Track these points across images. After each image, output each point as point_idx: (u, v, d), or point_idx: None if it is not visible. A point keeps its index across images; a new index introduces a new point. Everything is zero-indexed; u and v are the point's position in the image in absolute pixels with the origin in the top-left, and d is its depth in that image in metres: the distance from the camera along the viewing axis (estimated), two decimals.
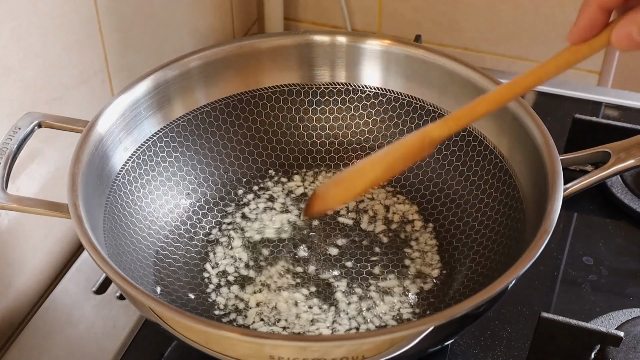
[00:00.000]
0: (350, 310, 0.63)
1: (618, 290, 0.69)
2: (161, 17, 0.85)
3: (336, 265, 0.66)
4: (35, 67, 0.67)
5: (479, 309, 0.52)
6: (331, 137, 0.75)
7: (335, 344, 0.49)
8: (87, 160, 0.60)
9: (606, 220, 0.76)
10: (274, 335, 0.57)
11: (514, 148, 0.65)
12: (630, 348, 0.61)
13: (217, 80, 0.71)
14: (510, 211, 0.64)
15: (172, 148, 0.69)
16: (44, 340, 0.66)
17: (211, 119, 0.71)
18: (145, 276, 0.62)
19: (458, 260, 0.66)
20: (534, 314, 0.65)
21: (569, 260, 0.72)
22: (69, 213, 0.56)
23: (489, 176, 0.67)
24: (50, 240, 0.74)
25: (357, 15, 1.10)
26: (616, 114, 0.89)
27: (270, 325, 0.62)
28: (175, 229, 0.68)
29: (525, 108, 0.64)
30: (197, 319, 0.50)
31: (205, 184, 0.71)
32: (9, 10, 0.63)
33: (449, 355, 0.64)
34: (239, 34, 1.06)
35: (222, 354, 0.52)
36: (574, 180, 0.62)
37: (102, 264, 0.53)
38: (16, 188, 0.67)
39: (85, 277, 0.71)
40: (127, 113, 0.65)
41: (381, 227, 0.70)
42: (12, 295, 0.70)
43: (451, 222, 0.69)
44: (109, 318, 0.68)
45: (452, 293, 0.64)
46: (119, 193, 0.64)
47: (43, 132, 0.64)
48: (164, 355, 0.64)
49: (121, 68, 0.79)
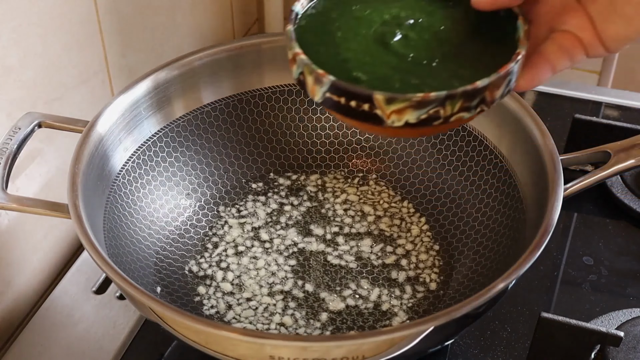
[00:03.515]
0: (350, 311, 0.63)
1: (618, 290, 0.69)
2: (161, 17, 0.85)
3: (336, 265, 0.66)
4: (35, 67, 0.67)
5: (479, 309, 0.52)
6: (331, 137, 0.75)
7: (335, 344, 0.49)
8: (87, 160, 0.60)
9: (606, 220, 0.76)
10: (274, 335, 0.57)
11: (514, 148, 0.65)
12: (630, 348, 0.61)
13: (217, 80, 0.71)
14: (510, 211, 0.64)
15: (172, 148, 0.69)
16: (44, 340, 0.66)
17: (211, 119, 0.71)
18: (145, 276, 0.63)
19: (458, 260, 0.66)
20: (534, 314, 0.65)
21: (569, 260, 0.72)
22: (69, 213, 0.56)
23: (489, 176, 0.67)
24: (50, 240, 0.74)
25: None
26: (616, 114, 0.89)
27: (265, 326, 0.62)
28: (176, 229, 0.68)
29: (525, 108, 0.64)
30: (197, 319, 0.50)
31: (205, 184, 0.71)
32: (9, 10, 0.63)
33: (449, 355, 0.64)
34: (239, 34, 1.06)
35: (222, 354, 0.52)
36: (574, 180, 0.62)
37: (102, 264, 0.53)
38: (16, 188, 0.67)
39: (85, 277, 0.71)
40: (127, 113, 0.65)
41: (381, 227, 0.70)
42: (12, 295, 0.70)
43: (451, 222, 0.69)
44: (109, 318, 0.68)
45: (452, 293, 0.64)
46: (119, 193, 0.64)
47: (43, 132, 0.64)
48: (164, 355, 0.64)
49: (121, 68, 0.79)
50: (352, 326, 0.62)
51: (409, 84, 0.46)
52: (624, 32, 0.45)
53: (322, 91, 0.46)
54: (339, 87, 0.45)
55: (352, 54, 0.47)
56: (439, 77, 0.46)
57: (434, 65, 0.47)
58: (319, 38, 0.49)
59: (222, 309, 0.63)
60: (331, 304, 0.63)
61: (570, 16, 0.46)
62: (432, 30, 0.49)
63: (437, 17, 0.49)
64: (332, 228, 0.70)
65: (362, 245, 0.68)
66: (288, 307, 0.63)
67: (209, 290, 0.65)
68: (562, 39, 0.47)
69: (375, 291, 0.64)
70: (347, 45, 0.48)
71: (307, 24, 0.49)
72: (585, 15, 0.46)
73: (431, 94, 0.44)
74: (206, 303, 0.64)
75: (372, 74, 0.46)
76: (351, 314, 0.63)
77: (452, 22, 0.49)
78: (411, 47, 0.48)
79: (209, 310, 0.63)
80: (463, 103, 0.45)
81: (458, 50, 0.48)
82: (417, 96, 0.44)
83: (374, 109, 0.45)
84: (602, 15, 0.45)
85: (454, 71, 0.46)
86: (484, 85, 0.44)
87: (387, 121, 0.45)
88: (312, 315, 0.63)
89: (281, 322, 0.62)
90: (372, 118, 0.45)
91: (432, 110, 0.45)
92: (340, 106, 0.45)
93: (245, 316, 0.63)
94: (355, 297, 0.64)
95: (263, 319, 0.62)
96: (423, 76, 0.46)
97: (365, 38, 0.48)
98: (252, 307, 0.63)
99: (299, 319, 0.62)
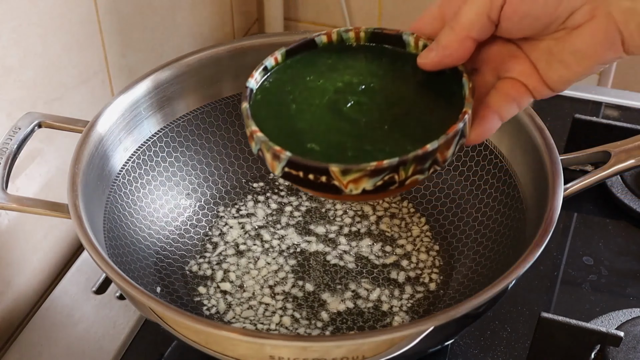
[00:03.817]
0: (350, 311, 0.63)
1: (618, 290, 0.69)
2: (161, 17, 0.85)
3: (336, 265, 0.66)
4: (35, 67, 0.67)
5: (479, 309, 0.52)
6: None
7: (335, 344, 0.49)
8: (87, 160, 0.60)
9: (606, 220, 0.76)
10: (274, 336, 0.57)
11: (514, 148, 0.65)
12: (630, 348, 0.61)
13: (217, 80, 0.71)
14: (510, 211, 0.64)
15: (172, 148, 0.69)
16: (44, 340, 0.66)
17: (211, 119, 0.71)
18: (145, 276, 0.63)
19: (458, 260, 0.66)
20: (534, 314, 0.65)
21: (569, 260, 0.72)
22: (69, 213, 0.56)
23: (489, 176, 0.67)
24: (50, 240, 0.74)
25: (357, 15, 1.10)
26: (616, 114, 0.89)
27: (265, 326, 0.62)
28: (176, 229, 0.68)
29: (525, 108, 0.64)
30: (197, 319, 0.50)
31: (205, 184, 0.71)
32: (9, 10, 0.63)
33: (449, 355, 0.64)
34: (239, 34, 1.06)
35: (222, 354, 0.52)
36: (574, 180, 0.62)
37: (102, 264, 0.53)
38: (16, 188, 0.67)
39: (85, 277, 0.71)
40: (127, 113, 0.65)
41: (381, 227, 0.70)
42: (12, 295, 0.70)
43: (451, 222, 0.69)
44: (109, 318, 0.68)
45: (452, 293, 0.64)
46: (119, 193, 0.64)
47: (43, 132, 0.64)
48: (164, 355, 0.64)
49: (121, 68, 0.79)
50: (352, 326, 0.62)
51: (363, 150, 0.48)
52: (566, 77, 0.46)
53: (281, 166, 0.48)
54: (295, 162, 0.47)
55: (307, 125, 0.49)
56: (391, 140, 0.48)
57: (385, 129, 0.49)
58: (275, 111, 0.51)
59: (222, 309, 0.63)
60: (331, 304, 0.63)
61: (514, 63, 0.47)
62: (383, 93, 0.51)
63: (387, 80, 0.51)
64: (332, 228, 0.70)
65: (362, 246, 0.68)
66: (288, 307, 0.63)
67: (209, 290, 0.65)
68: (507, 88, 0.48)
69: (375, 291, 0.64)
70: (302, 116, 0.50)
71: (262, 99, 0.51)
72: (528, 61, 0.47)
73: (384, 161, 0.46)
74: (206, 303, 0.64)
75: (326, 143, 0.48)
76: (351, 314, 0.63)
77: (401, 84, 0.51)
78: (363, 112, 0.50)
79: (209, 310, 0.63)
80: (416, 167, 0.47)
81: (408, 111, 0.50)
82: (371, 165, 0.46)
83: (332, 180, 0.47)
84: (543, 62, 0.46)
85: (406, 133, 0.49)
86: (434, 148, 0.46)
87: (345, 190, 0.47)
88: (312, 315, 0.63)
89: (281, 322, 0.62)
90: (330, 188, 0.47)
91: (387, 177, 0.47)
92: (300, 179, 0.48)
93: (245, 316, 0.63)
94: (355, 297, 0.64)
95: (263, 319, 0.62)
96: (376, 141, 0.48)
97: (319, 107, 0.50)
98: (252, 307, 0.63)
99: (299, 319, 0.62)
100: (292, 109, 0.51)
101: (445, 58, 0.47)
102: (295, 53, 0.53)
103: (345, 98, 0.51)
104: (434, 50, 0.48)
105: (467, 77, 0.49)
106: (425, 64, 0.49)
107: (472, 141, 0.49)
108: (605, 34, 0.43)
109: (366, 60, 0.53)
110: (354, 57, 0.53)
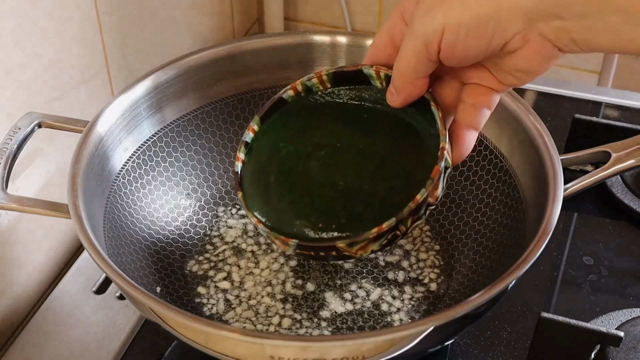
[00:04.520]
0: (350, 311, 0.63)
1: (618, 290, 0.69)
2: (161, 17, 0.85)
3: (335, 265, 0.66)
4: (35, 67, 0.67)
5: (479, 309, 0.52)
6: None
7: (335, 344, 0.49)
8: (87, 160, 0.60)
9: (606, 220, 0.76)
10: (274, 335, 0.57)
11: (514, 148, 0.65)
12: (630, 348, 0.61)
13: (217, 80, 0.71)
14: (510, 211, 0.64)
15: (172, 148, 0.69)
16: (44, 340, 0.66)
17: (211, 119, 0.71)
18: (145, 276, 0.63)
19: (458, 260, 0.66)
20: (534, 314, 0.65)
21: (569, 260, 0.72)
22: (69, 213, 0.56)
23: (489, 176, 0.67)
24: (50, 240, 0.74)
25: (357, 15, 1.10)
26: (616, 114, 0.89)
27: (265, 326, 0.62)
28: (176, 229, 0.68)
29: (525, 108, 0.64)
30: (197, 319, 0.50)
31: (205, 184, 0.71)
32: (9, 9, 0.63)
33: (449, 355, 0.64)
34: (239, 34, 1.06)
35: (222, 354, 0.52)
36: (574, 180, 0.62)
37: (102, 264, 0.53)
38: (16, 188, 0.67)
39: (85, 277, 0.71)
40: (127, 113, 0.65)
41: None
42: (12, 295, 0.70)
43: (451, 222, 0.69)
44: (109, 318, 0.68)
45: (452, 293, 0.64)
46: (119, 193, 0.64)
47: (43, 132, 0.64)
48: (164, 355, 0.64)
49: (121, 68, 0.79)
50: (352, 326, 0.62)
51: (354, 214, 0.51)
52: (518, 83, 0.49)
53: (292, 249, 0.52)
54: (304, 245, 0.51)
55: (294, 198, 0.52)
56: (376, 198, 0.51)
57: (366, 188, 0.51)
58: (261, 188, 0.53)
59: (222, 309, 0.63)
60: (331, 304, 0.63)
61: (474, 71, 0.49)
62: (355, 148, 0.52)
63: (357, 132, 0.53)
64: None
65: None
66: (288, 308, 0.63)
67: (209, 290, 0.65)
68: (474, 97, 0.50)
69: (376, 291, 0.64)
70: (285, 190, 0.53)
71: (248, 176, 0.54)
72: (484, 68, 0.49)
73: (383, 225, 0.49)
74: (206, 303, 0.64)
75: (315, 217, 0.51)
76: (351, 314, 0.63)
77: (372, 131, 0.53)
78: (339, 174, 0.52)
79: (209, 310, 0.63)
80: (413, 218, 0.50)
81: (384, 161, 0.52)
82: (373, 232, 0.49)
83: (341, 252, 0.50)
84: (495, 71, 0.49)
85: (389, 185, 0.51)
86: (424, 197, 0.49)
87: (355, 256, 0.51)
88: (312, 315, 0.63)
89: (281, 322, 0.62)
90: (342, 257, 0.51)
91: (390, 235, 0.50)
92: (312, 256, 0.52)
93: (245, 316, 0.63)
94: (355, 297, 0.64)
95: (263, 319, 0.62)
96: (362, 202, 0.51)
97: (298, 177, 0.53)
98: (252, 307, 0.63)
99: (299, 319, 0.62)
100: (273, 183, 0.53)
101: (408, 97, 0.50)
102: (270, 115, 0.55)
103: (318, 163, 0.53)
104: (395, 93, 0.50)
105: (435, 106, 0.50)
106: (394, 105, 0.51)
107: (456, 161, 0.51)
108: (540, 53, 0.45)
109: (333, 113, 0.54)
110: (321, 112, 0.54)
